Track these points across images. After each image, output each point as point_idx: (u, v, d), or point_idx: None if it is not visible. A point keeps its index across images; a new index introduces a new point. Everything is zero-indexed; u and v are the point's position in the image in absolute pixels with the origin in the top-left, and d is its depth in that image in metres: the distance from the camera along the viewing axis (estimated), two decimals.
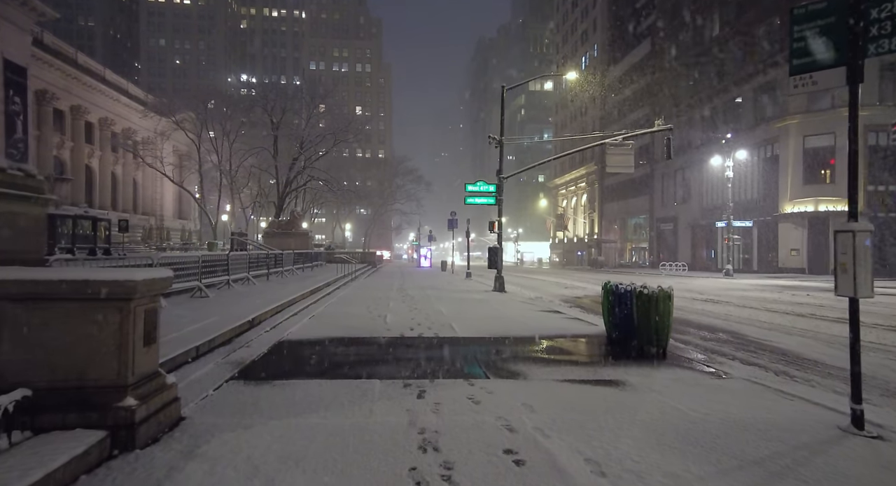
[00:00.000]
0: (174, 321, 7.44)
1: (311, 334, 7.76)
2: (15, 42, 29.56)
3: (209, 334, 6.52)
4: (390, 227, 79.18)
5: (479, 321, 9.52)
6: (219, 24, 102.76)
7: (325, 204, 64.57)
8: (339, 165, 63.85)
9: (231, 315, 8.22)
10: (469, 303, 12.96)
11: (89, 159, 45.14)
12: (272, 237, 32.30)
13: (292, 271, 20.02)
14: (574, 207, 68.39)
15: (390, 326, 8.83)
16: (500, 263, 16.87)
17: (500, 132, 17.35)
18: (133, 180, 52.18)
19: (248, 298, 11.16)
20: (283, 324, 8.76)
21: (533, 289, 19.49)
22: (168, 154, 46.08)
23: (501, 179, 17.14)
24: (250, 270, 15.15)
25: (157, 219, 55.06)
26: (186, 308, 9.13)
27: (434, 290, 17.12)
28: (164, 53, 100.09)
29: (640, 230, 54.21)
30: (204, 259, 11.98)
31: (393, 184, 65.19)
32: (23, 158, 29.69)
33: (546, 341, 7.54)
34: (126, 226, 21.11)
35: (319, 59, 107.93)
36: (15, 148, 29.91)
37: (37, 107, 38.76)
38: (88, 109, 43.87)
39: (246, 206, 47.04)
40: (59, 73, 40.12)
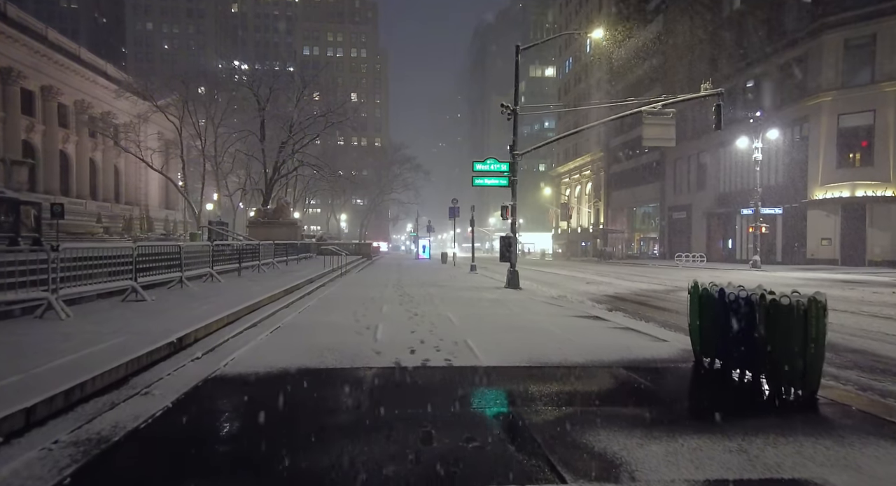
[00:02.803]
0: (52, 346, 4.86)
1: (262, 364, 5.19)
2: None
3: (81, 373, 3.94)
4: (387, 217, 76.57)
5: (505, 335, 6.98)
6: (208, 6, 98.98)
7: (319, 194, 61.83)
8: (334, 152, 60.98)
9: (151, 332, 5.65)
10: (483, 305, 10.41)
11: (64, 145, 42.25)
12: (257, 227, 29.67)
13: (273, 265, 17.44)
14: (578, 197, 65.80)
15: (382, 344, 6.27)
16: (514, 255, 14.30)
17: (513, 100, 14.70)
18: (115, 168, 49.29)
19: (198, 301, 8.58)
20: (229, 343, 6.17)
21: (550, 285, 16.96)
22: (154, 141, 43.26)
23: (516, 156, 14.53)
24: (215, 264, 12.55)
25: (141, 209, 52.27)
26: (97, 320, 6.54)
27: (437, 287, 14.56)
28: (151, 38, 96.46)
29: (649, 220, 51.73)
30: (147, 252, 9.37)
31: (390, 172, 62.45)
32: None
33: (615, 374, 5.00)
34: (61, 211, 18.41)
35: (313, 44, 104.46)
36: None
37: (2, 86, 35.86)
38: (61, 90, 40.87)
39: (231, 193, 44.26)
40: (27, 50, 37.14)
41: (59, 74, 40.47)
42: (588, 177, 62.77)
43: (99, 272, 7.90)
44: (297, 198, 53.25)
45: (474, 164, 14.86)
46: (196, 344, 5.85)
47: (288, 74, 41.67)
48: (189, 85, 35.55)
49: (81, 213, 41.30)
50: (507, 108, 14.54)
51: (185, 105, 35.63)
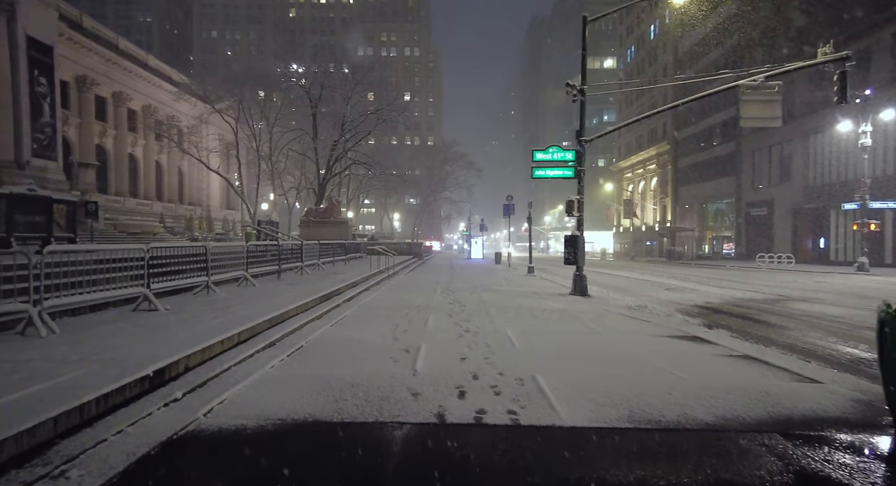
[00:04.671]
0: None
1: (256, 411, 3.80)
2: (39, 18, 27.42)
3: None
4: (440, 216, 75.60)
5: (585, 367, 5.25)
6: (268, 13, 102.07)
7: (372, 193, 61.75)
8: (387, 151, 60.72)
9: (130, 358, 4.42)
10: (548, 318, 8.67)
11: (133, 148, 44.00)
12: (308, 226, 29.20)
13: (318, 266, 16.44)
14: (642, 193, 61.81)
15: (422, 380, 4.74)
16: (581, 257, 12.40)
17: (580, 79, 12.79)
18: (179, 170, 51.07)
19: (215, 312, 7.42)
20: (228, 374, 4.85)
21: (623, 291, 14.85)
22: (214, 143, 44.41)
23: (583, 143, 12.62)
24: (252, 266, 11.56)
25: (203, 209, 53.98)
26: (79, 338, 5.44)
27: (491, 293, 12.92)
28: (216, 45, 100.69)
29: (722, 217, 47.46)
30: (164, 254, 8.37)
31: (442, 171, 61.37)
32: (50, 142, 27.90)
33: (773, 448, 3.18)
34: (94, 210, 18.16)
35: (367, 45, 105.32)
36: (41, 132, 28.13)
37: (77, 93, 37.55)
38: (130, 95, 42.54)
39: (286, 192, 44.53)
40: (100, 59, 38.76)
41: (128, 81, 42.12)
42: (653, 172, 58.75)
43: (115, 277, 6.90)
44: (350, 197, 53.22)
45: (534, 153, 13.08)
46: (184, 376, 4.56)
47: (340, 74, 41.22)
48: (244, 86, 35.85)
49: (148, 213, 42.92)
50: (573, 88, 12.65)
51: (241, 106, 35.96)
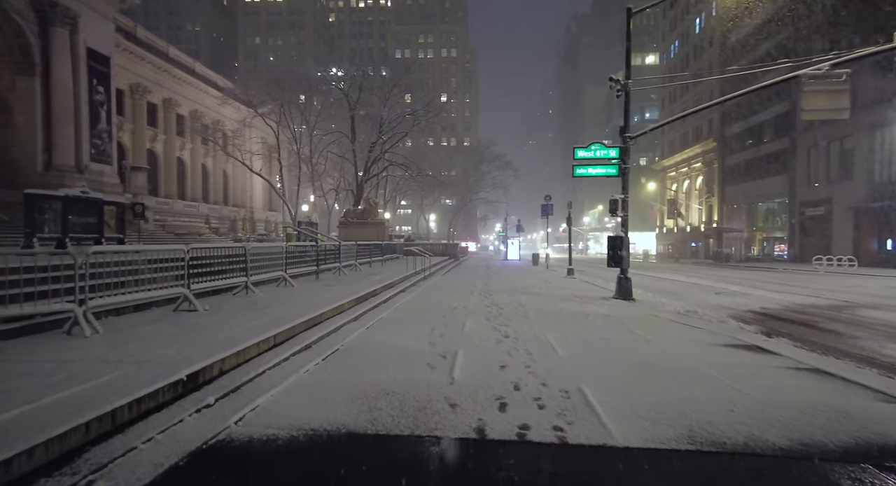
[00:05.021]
0: (22, 384, 3.69)
1: (288, 419, 3.66)
2: (97, 30, 28.87)
3: (15, 442, 2.61)
4: (475, 217, 75.27)
5: (635, 378, 4.87)
6: (308, 19, 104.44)
7: (409, 194, 62.10)
8: (423, 153, 60.94)
9: (164, 361, 4.38)
10: (592, 323, 8.26)
11: (181, 152, 45.80)
12: (346, 227, 29.51)
13: (355, 267, 16.48)
14: (686, 192, 59.53)
15: (460, 389, 4.50)
16: (626, 258, 11.87)
17: (625, 74, 12.25)
18: (224, 172, 52.83)
19: (254, 313, 7.42)
20: (262, 378, 4.75)
21: (669, 294, 14.14)
22: (257, 146, 45.74)
23: (627, 139, 12.08)
24: (291, 266, 11.63)
25: (247, 210, 55.68)
26: (120, 339, 5.48)
27: (530, 296, 12.54)
28: (259, 51, 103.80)
29: (774, 217, 45.06)
30: (204, 254, 8.47)
31: (478, 171, 61.04)
32: (106, 147, 29.25)
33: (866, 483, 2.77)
34: (142, 211, 18.76)
35: (405, 47, 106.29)
36: (99, 138, 29.51)
37: (131, 101, 39.37)
38: (179, 101, 44.32)
39: (325, 194, 45.28)
40: (151, 67, 40.53)
41: (177, 87, 43.87)
42: (698, 170, 56.46)
43: (157, 277, 7.00)
44: (387, 198, 53.68)
45: (575, 151, 12.62)
46: (218, 380, 4.48)
47: (378, 76, 41.59)
48: (285, 90, 36.66)
49: (194, 215, 44.59)
50: (616, 82, 12.13)
51: (282, 109, 36.79)
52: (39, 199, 9.30)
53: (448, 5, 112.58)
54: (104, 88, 29.99)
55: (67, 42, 26.66)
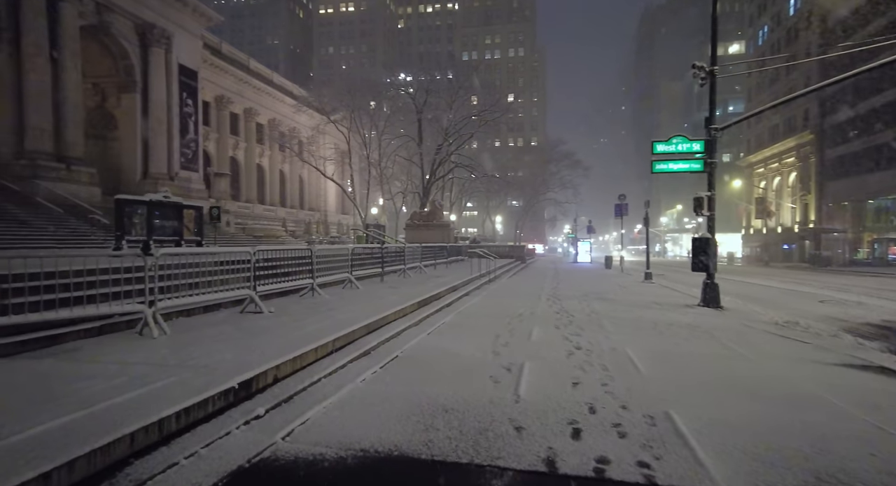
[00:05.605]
0: (87, 386, 3.69)
1: (338, 437, 3.38)
2: (188, 48, 31.21)
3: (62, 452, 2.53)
4: (543, 218, 73.55)
5: (740, 409, 4.13)
6: (378, 26, 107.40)
7: (475, 196, 61.80)
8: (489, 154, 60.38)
9: (220, 367, 4.29)
10: (676, 334, 7.42)
11: (260, 158, 48.46)
12: (412, 229, 29.68)
13: (420, 269, 16.35)
14: (777, 190, 54.51)
15: (526, 408, 4.02)
16: (713, 262, 10.74)
17: (710, 59, 11.13)
18: (300, 178, 55.31)
19: (317, 316, 7.34)
20: (316, 387, 4.54)
21: (765, 303, 12.68)
22: (330, 152, 47.51)
23: (714, 132, 10.95)
24: (356, 268, 11.65)
25: (321, 214, 57.97)
26: (184, 341, 5.51)
27: (604, 302, 11.71)
28: (332, 60, 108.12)
29: (886, 216, 40.03)
30: (274, 257, 8.57)
31: (546, 171, 59.48)
32: (194, 156, 31.38)
33: None
34: (217, 214, 19.63)
35: (471, 49, 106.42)
36: (187, 147, 31.79)
37: (216, 111, 42.14)
38: (259, 111, 46.92)
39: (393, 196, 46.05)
40: (234, 79, 43.20)
41: (256, 97, 46.48)
42: (792, 165, 51.47)
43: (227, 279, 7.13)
44: (453, 200, 53.70)
45: (654, 145, 11.64)
46: (271, 388, 4.31)
47: (445, 79, 41.71)
48: (355, 96, 37.66)
49: (273, 218, 47.01)
50: (701, 70, 11.04)
51: (352, 116, 37.85)
52: (127, 203, 9.98)
53: (516, 5, 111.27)
54: (192, 100, 32.30)
55: (162, 60, 28.95)
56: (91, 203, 20.77)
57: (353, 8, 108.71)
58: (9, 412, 3.19)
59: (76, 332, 5.30)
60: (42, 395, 3.53)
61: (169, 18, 29.01)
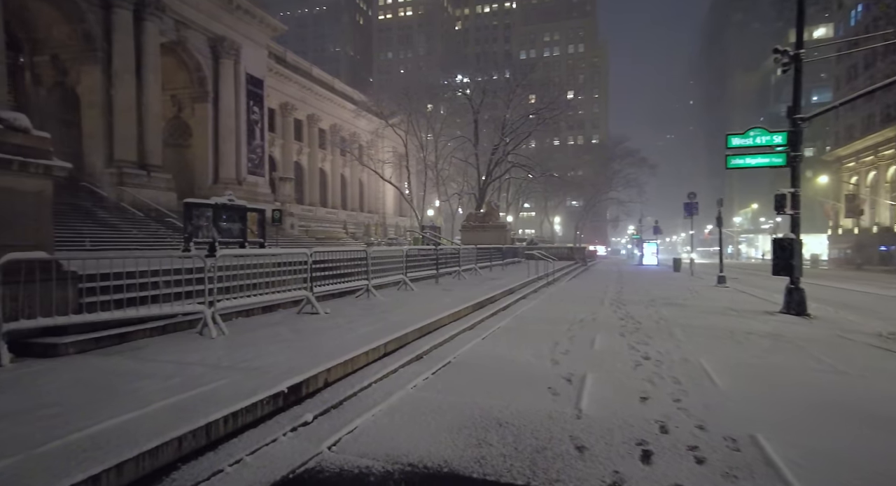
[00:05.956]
0: (143, 386, 3.76)
1: (386, 448, 3.22)
2: (254, 57, 32.75)
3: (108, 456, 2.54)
4: (605, 218, 71.04)
5: (845, 436, 3.57)
6: (436, 30, 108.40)
7: (532, 196, 60.75)
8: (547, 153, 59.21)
9: (272, 369, 4.27)
10: (759, 347, 6.71)
11: (322, 163, 50.12)
12: (468, 231, 29.49)
13: (475, 271, 16.11)
14: (872, 186, 49.43)
15: (589, 425, 3.68)
16: (798, 265, 9.73)
17: (795, 42, 10.10)
18: (359, 181, 56.74)
19: (370, 317, 7.29)
20: (367, 393, 4.41)
21: (860, 311, 11.36)
22: (388, 155, 48.42)
23: (799, 122, 9.92)
24: (411, 270, 11.59)
25: (379, 216, 59.20)
26: (239, 342, 5.59)
27: (673, 307, 10.94)
28: (391, 65, 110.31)
29: None
30: (330, 258, 8.64)
31: (608, 169, 57.39)
32: (260, 161, 32.87)
33: None
34: (279, 216, 20.16)
35: (529, 47, 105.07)
36: (254, 153, 33.31)
37: (281, 118, 44.02)
38: (321, 117, 48.56)
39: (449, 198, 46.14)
40: (297, 87, 44.94)
41: (319, 104, 48.12)
42: (890, 158, 46.49)
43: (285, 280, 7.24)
44: (509, 201, 53.06)
45: (729, 138, 10.74)
46: (321, 393, 4.22)
47: (502, 79, 41.27)
48: (412, 99, 38.05)
49: (334, 220, 48.46)
50: (783, 54, 10.05)
51: (409, 119, 38.27)
52: (195, 207, 10.49)
53: (575, 0, 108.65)
54: (259, 108, 33.87)
55: (232, 71, 30.55)
56: (168, 207, 22.19)
57: (410, 12, 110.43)
58: (75, 409, 3.27)
59: (143, 330, 5.50)
60: (104, 393, 3.62)
61: (238, 31, 30.58)
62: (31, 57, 23.37)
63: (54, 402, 3.42)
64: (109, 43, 22.41)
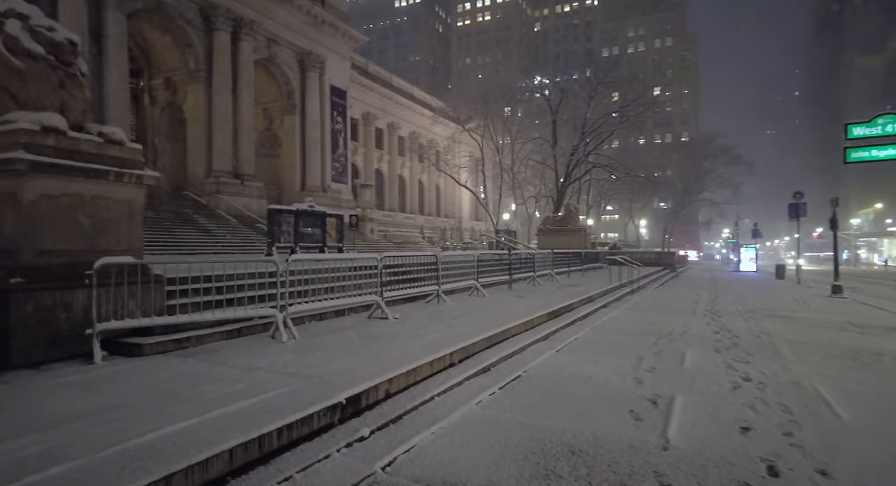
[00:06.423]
0: (208, 391, 3.81)
1: (443, 473, 2.96)
2: (338, 69, 34.31)
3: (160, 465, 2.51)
4: (696, 221, 66.17)
5: None
6: (514, 33, 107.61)
7: (615, 198, 58.05)
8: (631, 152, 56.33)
9: (334, 378, 4.18)
10: (893, 370, 5.66)
11: (401, 169, 51.35)
12: (545, 235, 28.61)
13: (551, 277, 15.44)
14: None
15: (677, 459, 3.18)
16: None
17: None
18: (436, 186, 57.48)
19: (438, 324, 7.09)
20: (428, 407, 4.17)
21: None
22: (464, 160, 48.68)
23: None
24: (483, 275, 11.30)
25: (455, 220, 59.56)
26: (307, 347, 5.61)
27: (778, 320, 9.70)
28: (469, 71, 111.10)
29: None
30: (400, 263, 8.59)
31: (700, 168, 53.43)
32: (343, 169, 34.31)
33: None
34: (356, 222, 20.51)
35: (612, 44, 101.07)
36: (338, 161, 34.80)
37: (363, 127, 45.72)
38: (400, 125, 49.80)
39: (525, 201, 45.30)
40: (378, 96, 46.44)
41: (398, 112, 49.39)
42: None
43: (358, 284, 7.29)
44: (590, 204, 51.06)
45: (849, 128, 9.34)
46: (381, 405, 4.04)
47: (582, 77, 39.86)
48: (489, 103, 37.84)
49: (412, 225, 49.42)
50: None
51: (485, 123, 38.08)
52: (277, 213, 11.00)
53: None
54: (342, 118, 35.34)
55: (317, 83, 32.15)
56: (259, 214, 23.70)
57: (489, 17, 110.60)
58: (142, 412, 3.35)
59: (220, 333, 5.71)
60: (172, 397, 3.70)
61: (323, 44, 32.13)
62: (148, 81, 26.10)
63: (127, 403, 3.53)
64: (210, 63, 24.43)
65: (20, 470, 2.48)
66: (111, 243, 5.43)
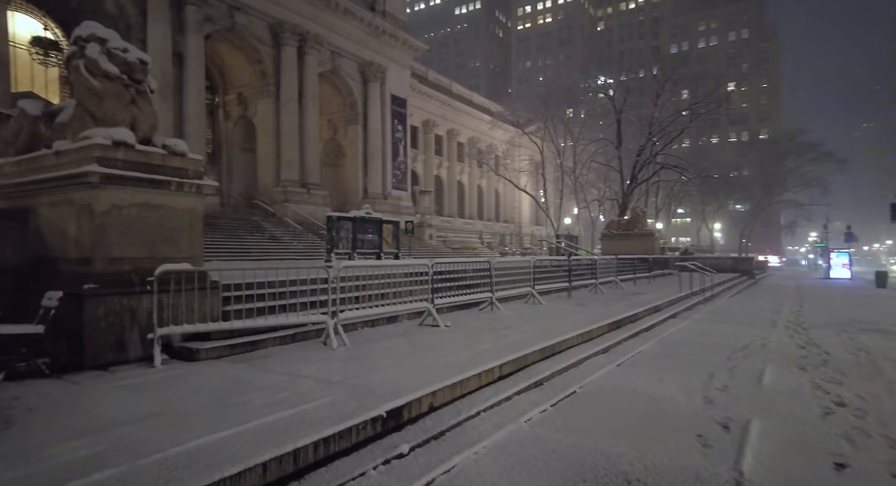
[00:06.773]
0: (251, 398, 3.83)
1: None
2: (398, 78, 35.05)
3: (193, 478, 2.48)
4: (778, 224, 61.17)
5: None
6: (576, 33, 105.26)
7: (686, 200, 54.92)
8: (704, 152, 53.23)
9: (378, 388, 4.09)
10: None
11: (460, 175, 51.45)
12: (609, 240, 27.47)
13: (615, 284, 14.68)
14: None
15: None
16: None
17: None
18: (495, 191, 57.09)
19: (490, 333, 6.86)
20: (473, 423, 3.96)
21: None
22: (524, 164, 48.04)
23: None
24: (539, 282, 10.91)
25: (515, 225, 58.80)
26: (355, 354, 5.58)
27: (876, 334, 8.59)
28: (530, 74, 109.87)
29: None
30: (452, 269, 8.45)
31: (781, 167, 49.40)
32: (403, 176, 34.87)
33: None
34: (411, 228, 20.47)
35: (681, 40, 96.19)
36: (398, 169, 35.42)
37: (423, 135, 46.29)
38: (459, 131, 49.96)
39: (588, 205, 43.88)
40: (438, 103, 46.87)
41: (457, 118, 49.59)
42: None
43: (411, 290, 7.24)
44: (659, 207, 48.61)
45: None
46: (423, 419, 3.88)
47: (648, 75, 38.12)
48: (549, 105, 37.07)
49: (471, 231, 49.30)
50: None
51: (546, 125, 37.31)
52: (336, 220, 11.24)
53: None
54: (402, 126, 35.94)
55: (378, 92, 32.92)
56: (323, 221, 24.50)
57: (550, 19, 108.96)
58: (187, 419, 3.40)
59: (273, 338, 5.82)
60: (217, 404, 3.74)
61: (383, 54, 32.88)
62: (223, 96, 27.87)
63: (174, 409, 3.61)
64: (278, 77, 25.67)
65: (64, 476, 2.54)
66: (173, 251, 5.68)
